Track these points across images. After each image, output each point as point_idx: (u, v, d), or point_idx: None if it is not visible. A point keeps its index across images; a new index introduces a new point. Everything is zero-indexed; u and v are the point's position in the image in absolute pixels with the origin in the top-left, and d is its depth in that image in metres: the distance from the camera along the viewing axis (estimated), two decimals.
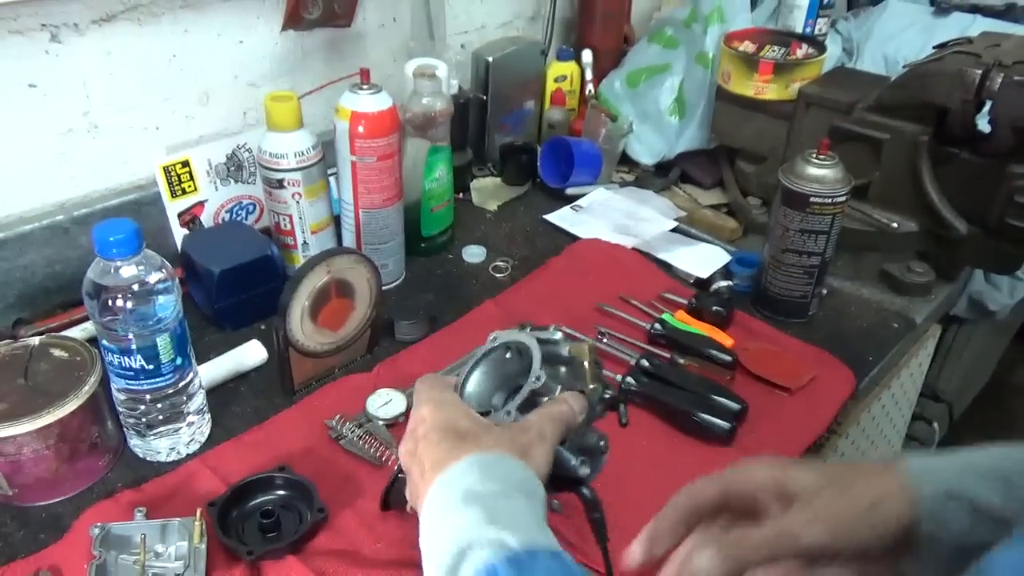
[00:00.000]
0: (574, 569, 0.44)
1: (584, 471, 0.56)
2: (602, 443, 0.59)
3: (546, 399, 0.57)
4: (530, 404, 0.57)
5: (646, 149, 1.29)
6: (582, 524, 0.61)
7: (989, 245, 0.99)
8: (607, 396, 0.61)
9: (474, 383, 0.60)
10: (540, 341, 0.59)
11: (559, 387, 0.58)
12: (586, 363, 0.60)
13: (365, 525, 0.69)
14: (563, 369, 0.60)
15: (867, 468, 0.47)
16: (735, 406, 0.80)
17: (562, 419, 0.54)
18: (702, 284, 1.03)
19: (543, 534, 0.46)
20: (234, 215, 1.05)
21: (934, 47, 1.03)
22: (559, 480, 0.55)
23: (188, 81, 0.99)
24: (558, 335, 0.60)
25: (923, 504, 0.43)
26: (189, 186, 0.99)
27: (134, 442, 0.75)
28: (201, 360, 0.82)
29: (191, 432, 0.76)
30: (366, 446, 0.76)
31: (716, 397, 0.81)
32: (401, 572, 0.65)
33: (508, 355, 0.60)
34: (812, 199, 0.88)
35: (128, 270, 0.66)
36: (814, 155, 0.90)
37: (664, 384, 0.83)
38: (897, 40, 1.37)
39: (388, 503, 0.69)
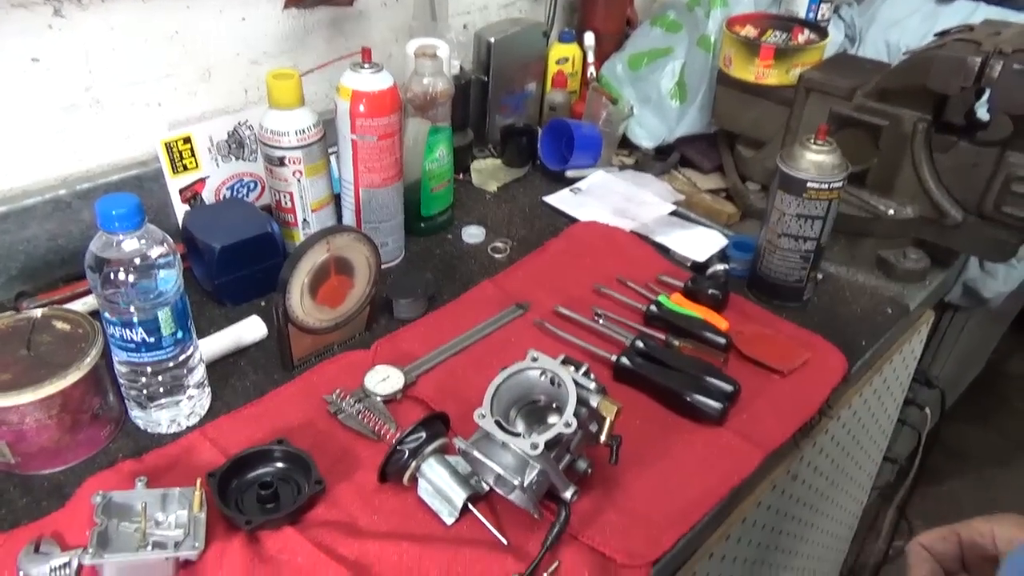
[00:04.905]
0: None
1: (570, 495, 0.66)
2: (589, 470, 0.70)
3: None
4: (545, 425, 0.69)
5: (646, 133, 1.29)
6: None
7: (984, 233, 0.99)
8: (613, 446, 0.70)
9: (504, 389, 0.69)
10: (576, 383, 0.67)
11: (577, 424, 0.65)
12: (609, 420, 0.67)
13: (362, 497, 0.70)
14: (584, 411, 0.67)
15: None
16: (727, 387, 0.81)
17: None
18: (699, 267, 1.04)
19: None
20: (235, 192, 1.05)
21: (935, 34, 1.04)
22: (548, 494, 0.67)
23: (190, 57, 0.99)
24: (592, 384, 0.68)
25: None
26: (191, 162, 0.99)
27: (135, 414, 0.76)
28: (201, 335, 0.83)
29: (191, 405, 0.77)
30: (364, 420, 0.77)
31: (709, 378, 0.82)
32: (397, 543, 0.66)
33: (541, 376, 0.69)
34: (809, 184, 0.89)
35: (130, 244, 0.67)
36: (812, 140, 0.90)
37: (658, 365, 0.84)
38: (900, 27, 1.37)
39: (385, 475, 0.70)
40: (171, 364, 0.73)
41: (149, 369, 0.73)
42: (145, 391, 0.74)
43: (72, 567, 0.62)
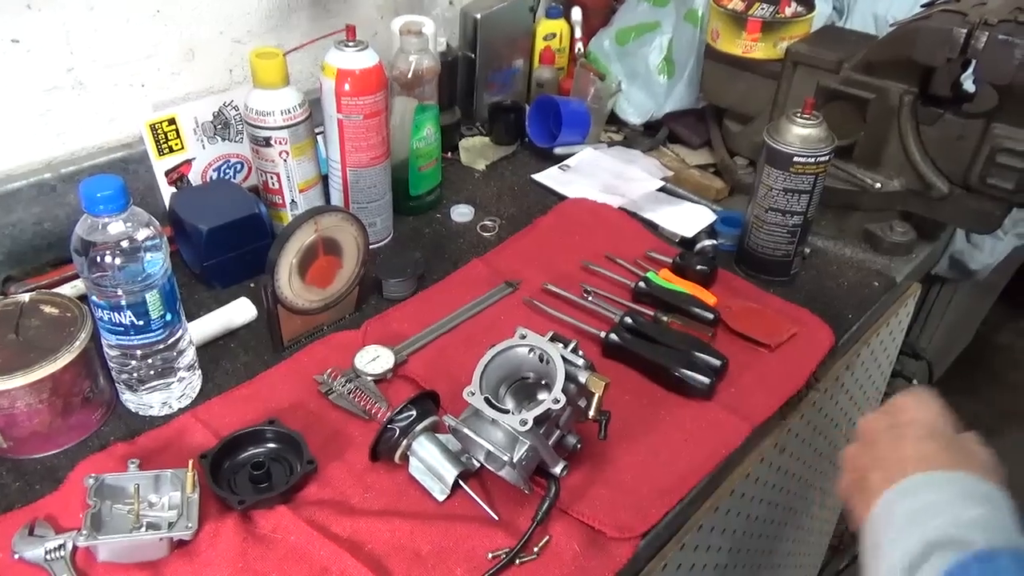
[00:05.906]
0: None
1: (559, 470, 0.68)
2: (579, 446, 0.71)
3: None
4: (534, 402, 0.70)
5: (634, 109, 1.29)
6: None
7: (970, 204, 1.00)
8: (601, 421, 0.70)
9: (493, 367, 0.69)
10: (564, 360, 0.67)
11: (566, 400, 0.65)
12: (597, 396, 0.67)
13: (354, 476, 0.71)
14: (572, 387, 0.68)
15: None
16: (715, 362, 0.82)
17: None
18: (687, 243, 1.04)
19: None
20: (222, 174, 1.05)
21: (922, 5, 1.03)
22: (538, 469, 0.69)
23: (173, 37, 0.98)
24: (580, 361, 0.68)
25: None
26: (176, 144, 0.99)
27: (126, 397, 0.76)
28: (191, 318, 0.83)
29: (182, 387, 0.77)
30: (355, 400, 0.78)
31: (697, 353, 0.83)
32: (389, 520, 0.67)
33: (530, 354, 0.69)
34: (795, 158, 0.89)
35: (116, 226, 0.66)
36: (798, 114, 0.90)
37: (647, 341, 0.85)
38: None
39: (377, 454, 0.71)
40: (161, 347, 0.73)
41: (139, 352, 0.73)
42: (135, 374, 0.74)
43: (67, 549, 0.62)
